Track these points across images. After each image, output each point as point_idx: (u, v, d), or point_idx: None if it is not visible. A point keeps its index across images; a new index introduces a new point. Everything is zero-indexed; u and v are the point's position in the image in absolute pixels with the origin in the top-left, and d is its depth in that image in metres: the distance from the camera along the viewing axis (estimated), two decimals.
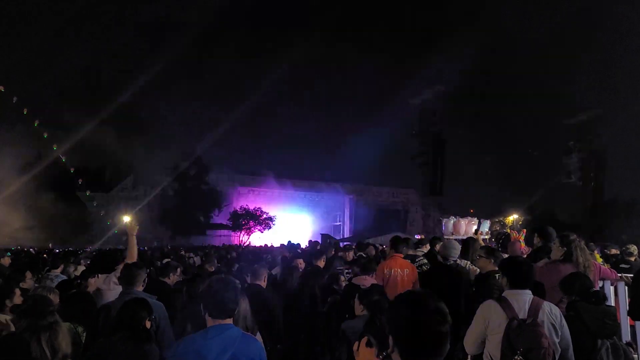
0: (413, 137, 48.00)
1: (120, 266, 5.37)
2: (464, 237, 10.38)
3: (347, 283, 6.31)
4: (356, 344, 2.91)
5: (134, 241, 6.38)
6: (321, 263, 7.97)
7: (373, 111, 66.22)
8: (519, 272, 3.78)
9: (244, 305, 3.75)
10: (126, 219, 6.77)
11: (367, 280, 5.69)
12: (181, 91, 74.72)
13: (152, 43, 78.69)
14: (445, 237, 12.55)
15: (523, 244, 8.63)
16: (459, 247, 6.10)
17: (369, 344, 2.91)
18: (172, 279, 6.76)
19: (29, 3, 62.97)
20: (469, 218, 15.22)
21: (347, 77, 76.80)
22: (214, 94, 71.88)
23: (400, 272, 6.26)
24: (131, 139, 45.37)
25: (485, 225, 13.55)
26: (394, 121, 53.71)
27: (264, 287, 5.74)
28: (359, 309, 4.34)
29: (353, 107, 71.25)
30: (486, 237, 12.37)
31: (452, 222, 14.67)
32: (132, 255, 6.12)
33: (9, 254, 11.10)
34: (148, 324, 3.75)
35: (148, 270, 9.33)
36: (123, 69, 70.56)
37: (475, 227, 13.17)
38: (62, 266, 8.35)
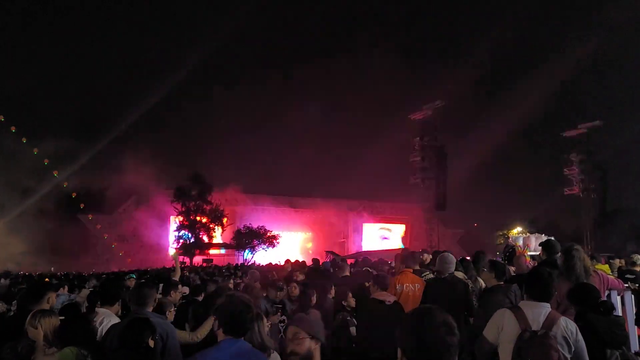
0: (415, 151, 47.95)
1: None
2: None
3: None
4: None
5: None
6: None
7: (375, 127, 66.51)
8: (538, 284, 3.81)
9: (261, 326, 3.66)
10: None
11: (391, 297, 5.61)
12: (184, 111, 75.36)
13: (153, 64, 79.38)
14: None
15: (528, 258, 8.64)
16: (454, 260, 6.12)
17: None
18: (174, 296, 6.75)
19: (26, 32, 63.72)
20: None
21: (348, 92, 77.23)
22: (215, 113, 72.26)
23: (412, 287, 6.18)
24: (132, 160, 45.49)
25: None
26: (396, 136, 53.96)
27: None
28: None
29: (356, 123, 71.45)
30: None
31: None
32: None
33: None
34: (152, 343, 3.71)
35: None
36: (122, 90, 71.31)
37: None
38: (66, 286, 8.41)
